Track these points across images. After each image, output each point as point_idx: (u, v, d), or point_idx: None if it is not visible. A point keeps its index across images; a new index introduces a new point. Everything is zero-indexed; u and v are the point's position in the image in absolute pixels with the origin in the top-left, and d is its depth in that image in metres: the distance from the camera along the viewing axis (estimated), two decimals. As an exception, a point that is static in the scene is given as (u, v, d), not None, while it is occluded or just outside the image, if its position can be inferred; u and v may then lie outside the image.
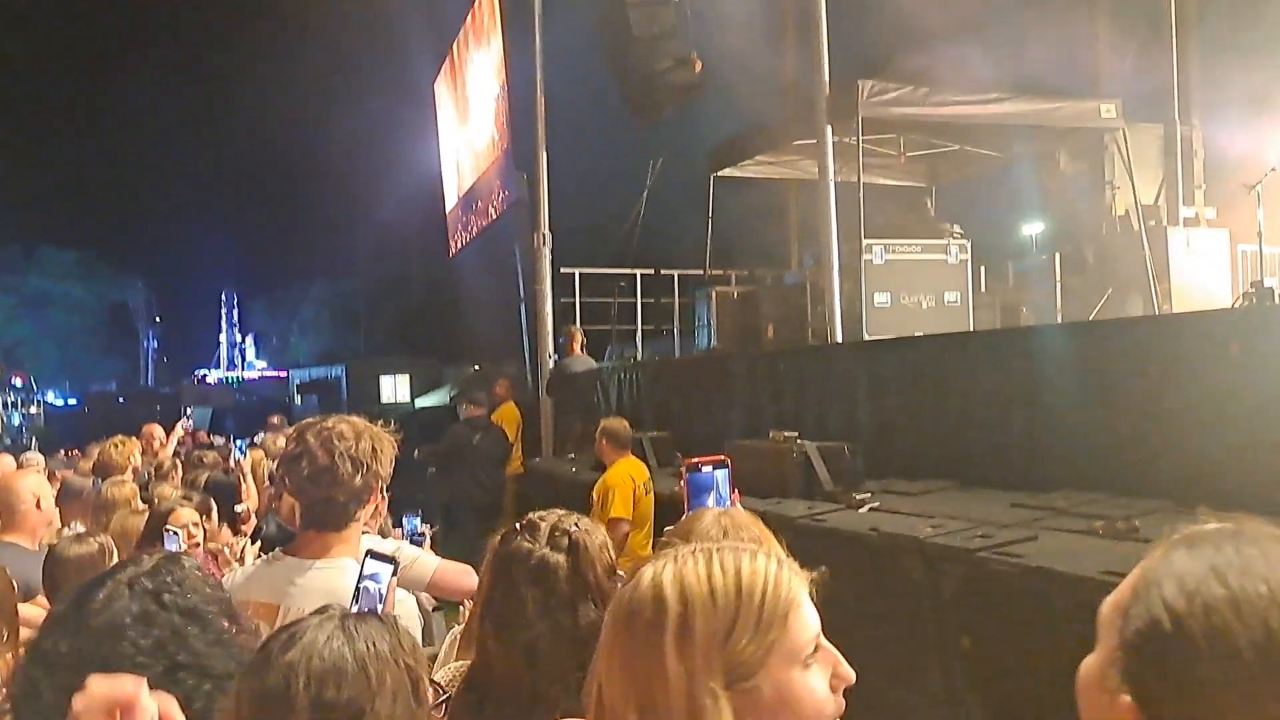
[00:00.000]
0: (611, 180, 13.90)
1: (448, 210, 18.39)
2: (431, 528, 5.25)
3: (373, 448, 2.25)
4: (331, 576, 2.17)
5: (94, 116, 43.16)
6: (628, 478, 5.83)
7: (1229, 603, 0.77)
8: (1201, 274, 9.31)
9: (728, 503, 2.02)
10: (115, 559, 3.00)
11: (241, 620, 1.48)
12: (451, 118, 17.92)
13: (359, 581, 1.95)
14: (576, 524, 1.95)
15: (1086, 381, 4.50)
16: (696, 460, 2.11)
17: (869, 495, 4.76)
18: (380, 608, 1.92)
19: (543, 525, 1.93)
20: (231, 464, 6.75)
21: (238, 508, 5.29)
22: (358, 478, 2.21)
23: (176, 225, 45.27)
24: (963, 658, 3.41)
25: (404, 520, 4.58)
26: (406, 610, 2.36)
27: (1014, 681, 3.18)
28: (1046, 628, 3.05)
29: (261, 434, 11.50)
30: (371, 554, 1.99)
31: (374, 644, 1.29)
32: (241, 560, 4.06)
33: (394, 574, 1.96)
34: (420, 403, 21.66)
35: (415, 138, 20.29)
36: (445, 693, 1.62)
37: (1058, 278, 10.22)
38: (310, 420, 2.34)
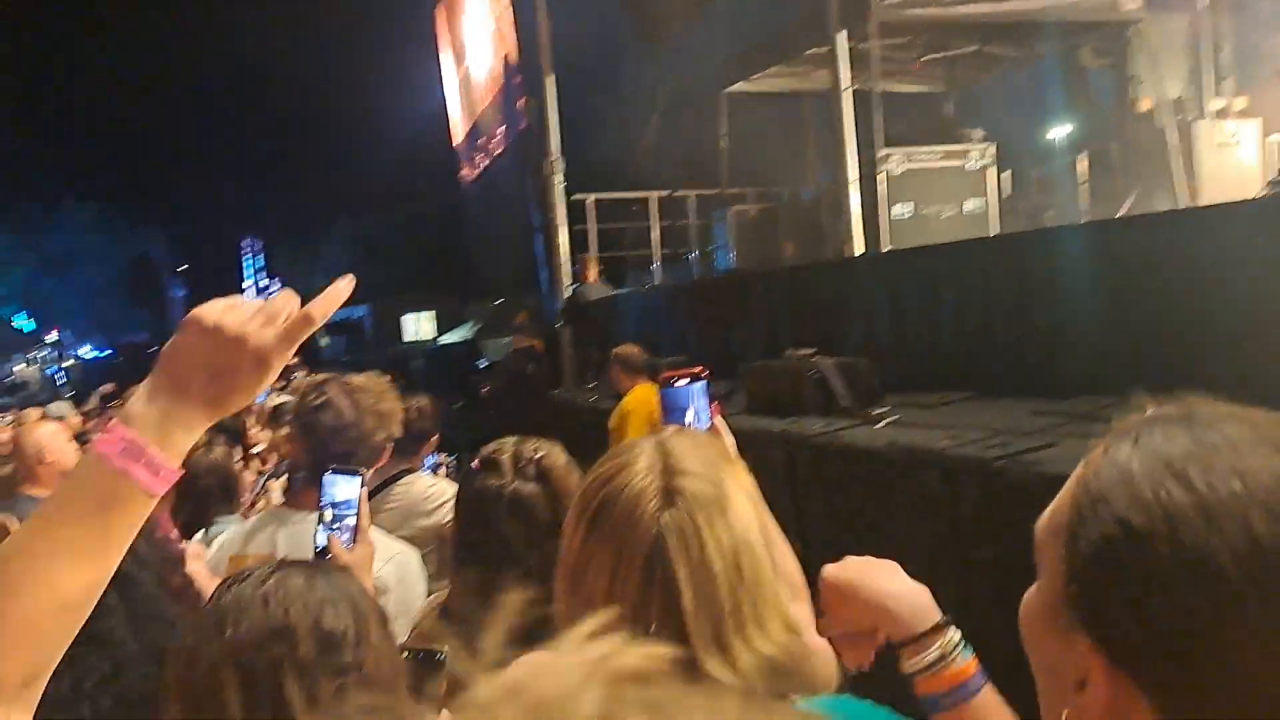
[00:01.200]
0: (622, 102, 13.61)
1: (456, 144, 18.21)
2: (449, 457, 5.30)
3: (391, 408, 2.27)
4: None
5: (101, 67, 42.92)
6: (644, 403, 5.79)
7: (1197, 508, 0.61)
8: (1233, 168, 9.02)
9: (707, 417, 1.91)
10: None
11: (186, 587, 1.41)
12: (450, 54, 17.64)
13: (329, 508, 1.87)
14: (536, 449, 1.91)
15: (1107, 283, 4.36)
16: (670, 374, 1.89)
17: (887, 409, 4.69)
18: (354, 534, 1.87)
19: (503, 459, 1.89)
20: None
21: (254, 449, 5.32)
22: (378, 434, 2.22)
23: (192, 173, 45.19)
24: (981, 569, 3.36)
25: None
26: (415, 562, 2.36)
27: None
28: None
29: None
30: (335, 469, 1.91)
31: (346, 581, 1.29)
32: (267, 499, 4.10)
33: (362, 485, 1.90)
34: (445, 339, 21.72)
35: (422, 69, 19.99)
36: None
37: (1083, 180, 9.95)
38: (328, 375, 2.34)
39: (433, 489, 3.66)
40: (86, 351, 42.42)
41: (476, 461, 1.91)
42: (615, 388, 6.26)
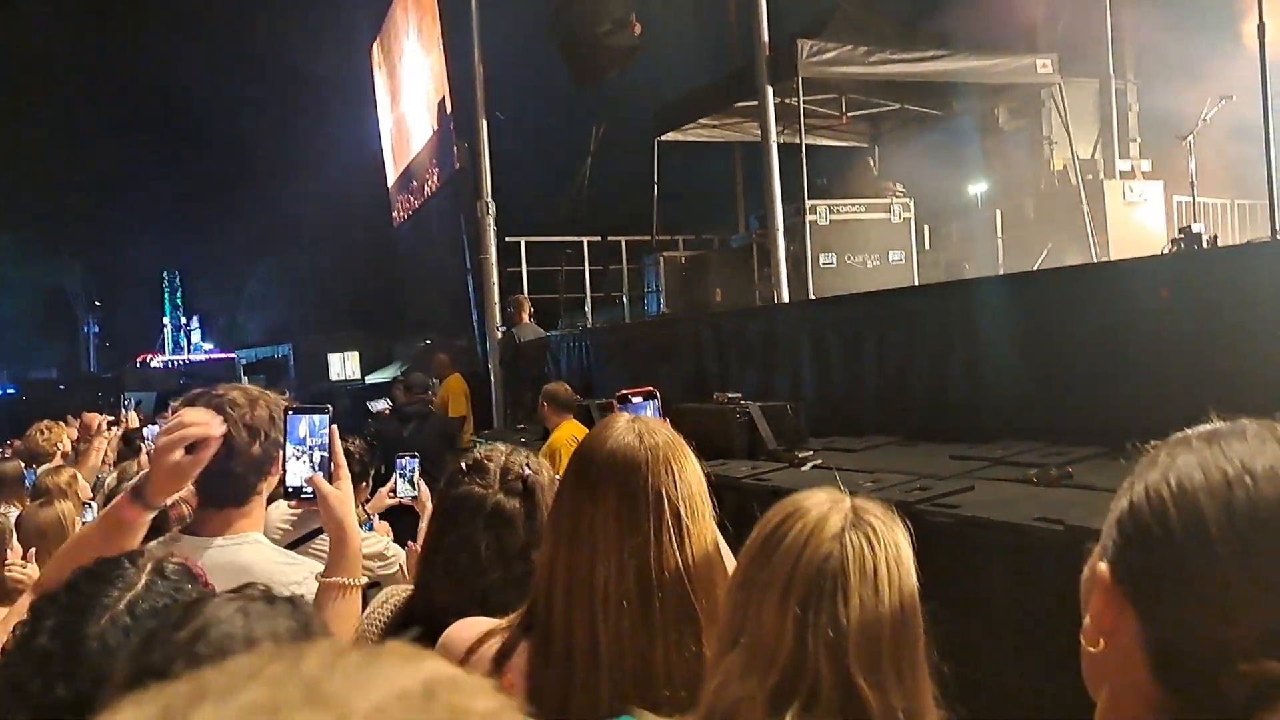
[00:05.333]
0: (555, 147, 13.74)
1: (390, 184, 18.13)
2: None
3: (269, 415, 2.10)
4: (234, 552, 2.06)
5: (16, 95, 41.78)
6: (571, 439, 5.82)
7: (1204, 485, 0.83)
8: (1138, 225, 9.46)
9: None
10: (15, 539, 2.89)
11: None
12: (385, 94, 17.65)
13: (299, 446, 1.91)
14: (526, 464, 1.93)
15: (1022, 332, 4.55)
16: (626, 392, 2.17)
17: (812, 453, 4.79)
18: (329, 464, 1.91)
19: (491, 466, 1.90)
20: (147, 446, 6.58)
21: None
22: (255, 446, 2.06)
23: (113, 206, 43.96)
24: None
25: None
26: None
27: (950, 630, 3.21)
28: (981, 575, 3.09)
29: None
30: (298, 409, 1.95)
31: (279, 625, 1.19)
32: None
33: (331, 421, 1.92)
34: (371, 379, 21.42)
35: (356, 106, 19.92)
36: None
37: (999, 233, 10.34)
38: (200, 390, 2.19)
39: (384, 548, 3.60)
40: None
41: (465, 464, 1.92)
42: (544, 424, 6.30)
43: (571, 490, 1.53)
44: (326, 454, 1.92)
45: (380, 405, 8.94)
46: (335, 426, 1.94)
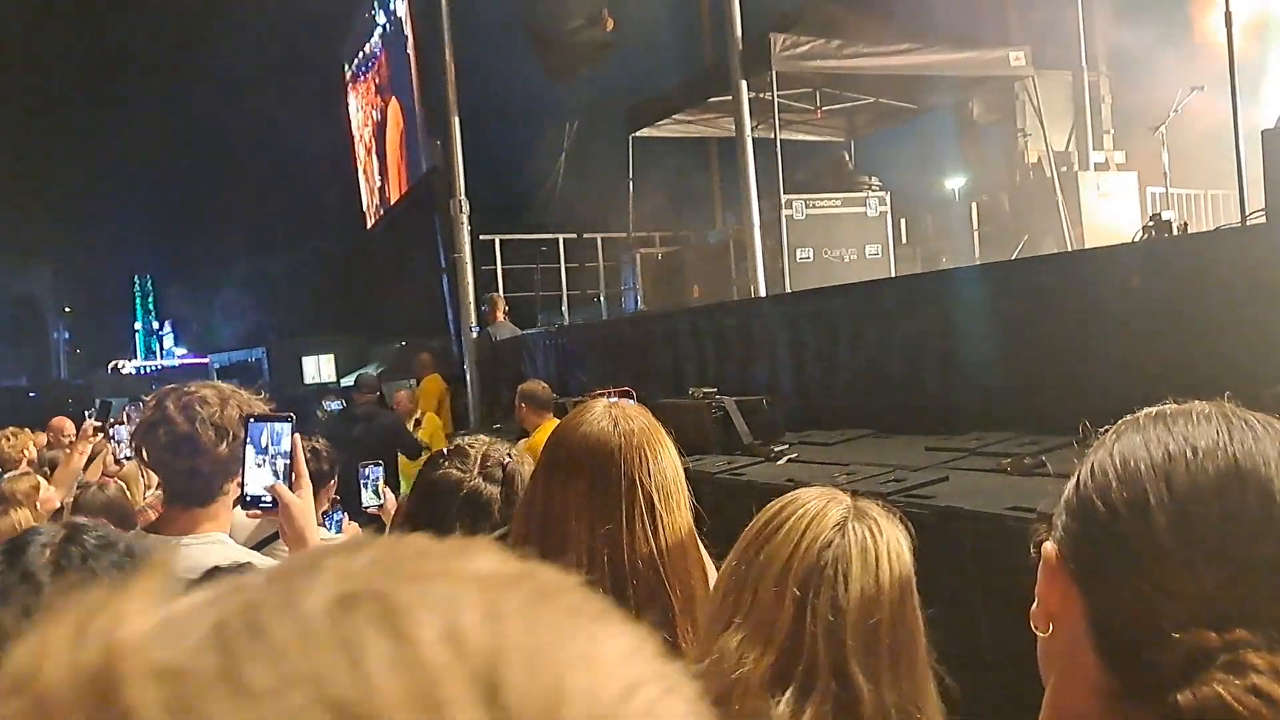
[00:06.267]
0: (529, 145, 13.66)
1: (362, 185, 18.00)
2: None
3: (231, 415, 2.04)
4: (200, 553, 1.99)
5: (-11, 99, 41.23)
6: (549, 440, 5.74)
7: (1147, 464, 0.83)
8: (1113, 216, 9.48)
9: None
10: None
11: None
12: (356, 93, 17.53)
13: (257, 455, 1.87)
14: (509, 454, 1.93)
15: (995, 323, 4.52)
16: (601, 392, 2.17)
17: (786, 447, 4.75)
18: (289, 469, 1.86)
19: (472, 453, 1.89)
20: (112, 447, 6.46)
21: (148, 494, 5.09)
22: (223, 446, 2.01)
23: (82, 210, 43.46)
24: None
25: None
26: None
27: (925, 621, 3.17)
28: (954, 565, 3.05)
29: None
30: (258, 418, 1.91)
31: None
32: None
33: (293, 430, 1.88)
34: (346, 382, 21.25)
35: (327, 107, 19.77)
36: None
37: (975, 226, 10.35)
38: (171, 387, 2.15)
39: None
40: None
41: (447, 449, 1.93)
42: (522, 424, 6.16)
43: (544, 475, 1.51)
44: (288, 462, 1.88)
45: (334, 405, 8.94)
46: (298, 435, 1.91)
